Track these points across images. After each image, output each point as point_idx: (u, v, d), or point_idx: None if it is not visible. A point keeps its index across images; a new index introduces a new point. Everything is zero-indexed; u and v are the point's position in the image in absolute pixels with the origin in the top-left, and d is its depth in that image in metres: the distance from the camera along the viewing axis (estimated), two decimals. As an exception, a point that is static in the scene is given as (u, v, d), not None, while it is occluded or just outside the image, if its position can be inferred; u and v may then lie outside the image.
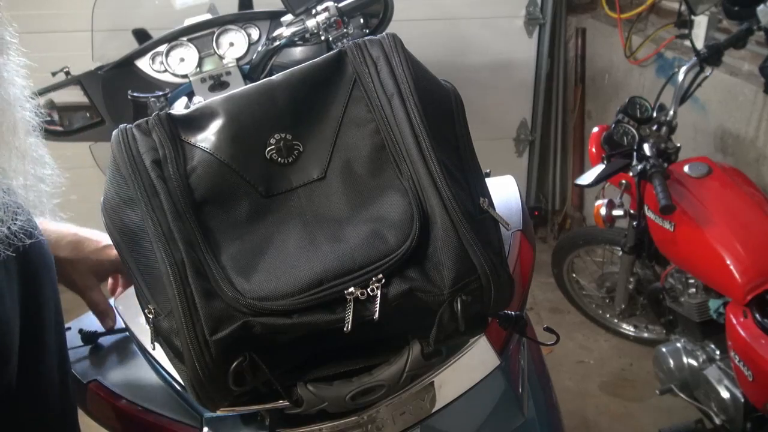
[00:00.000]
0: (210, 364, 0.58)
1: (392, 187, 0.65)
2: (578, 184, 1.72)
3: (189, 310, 0.58)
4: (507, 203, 0.97)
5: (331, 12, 1.55)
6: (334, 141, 0.67)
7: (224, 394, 0.61)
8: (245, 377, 0.59)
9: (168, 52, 1.67)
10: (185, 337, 0.58)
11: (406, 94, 0.66)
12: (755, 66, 1.86)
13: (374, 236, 0.62)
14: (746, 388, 1.51)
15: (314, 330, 0.60)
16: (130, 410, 0.79)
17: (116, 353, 0.86)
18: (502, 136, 3.07)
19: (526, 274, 0.93)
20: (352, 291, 0.59)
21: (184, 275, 0.59)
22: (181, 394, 0.78)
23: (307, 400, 0.65)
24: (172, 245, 0.60)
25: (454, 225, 0.62)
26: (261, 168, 0.66)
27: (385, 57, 0.68)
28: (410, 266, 0.62)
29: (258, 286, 0.60)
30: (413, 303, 0.62)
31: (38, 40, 2.39)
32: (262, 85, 0.69)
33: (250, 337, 0.59)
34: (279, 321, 0.59)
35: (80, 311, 0.92)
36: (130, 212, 0.63)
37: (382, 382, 0.66)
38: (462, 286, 0.62)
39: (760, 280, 1.46)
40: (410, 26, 2.46)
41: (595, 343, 2.46)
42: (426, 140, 0.64)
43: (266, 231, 0.64)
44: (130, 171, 0.63)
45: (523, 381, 0.97)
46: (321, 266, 0.61)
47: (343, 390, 0.65)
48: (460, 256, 0.61)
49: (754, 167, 1.95)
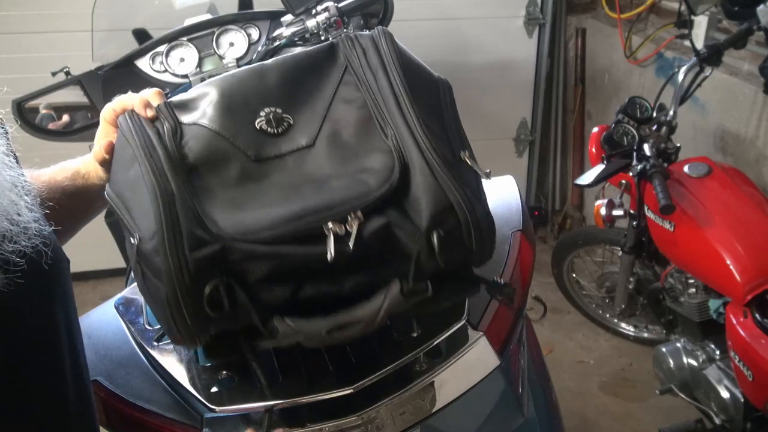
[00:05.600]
0: (187, 280, 0.59)
1: (378, 148, 0.69)
2: (578, 184, 1.72)
3: (173, 227, 0.61)
4: (507, 203, 0.97)
5: (331, 12, 1.55)
6: (324, 115, 0.71)
7: (200, 322, 0.61)
8: (222, 302, 0.60)
9: (168, 52, 1.67)
10: (165, 251, 0.60)
11: (390, 68, 0.71)
12: (755, 66, 1.86)
13: (356, 182, 0.66)
14: (746, 388, 1.51)
15: (293, 262, 0.62)
16: (130, 410, 0.79)
17: (116, 353, 0.86)
18: (502, 136, 3.07)
19: (526, 274, 0.93)
20: (331, 226, 0.62)
21: (171, 201, 0.62)
22: (181, 395, 0.78)
23: (283, 332, 0.64)
24: (163, 178, 0.63)
25: (430, 168, 0.65)
26: (251, 137, 0.69)
27: (374, 43, 0.74)
28: (390, 207, 0.66)
29: (240, 222, 0.63)
30: (392, 242, 0.65)
31: (38, 40, 2.40)
32: (255, 67, 0.74)
33: (229, 263, 0.61)
34: (258, 248, 0.61)
35: (81, 311, 0.92)
36: (129, 169, 0.67)
37: (359, 318, 0.66)
38: (439, 222, 0.64)
39: (760, 280, 1.46)
40: (410, 26, 2.46)
41: (595, 343, 2.46)
42: (405, 99, 0.69)
43: (254, 189, 0.67)
44: (132, 132, 0.67)
45: (523, 381, 0.97)
46: (301, 204, 0.64)
47: (319, 324, 0.65)
48: (436, 195, 0.65)
49: (754, 167, 1.95)
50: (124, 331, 0.88)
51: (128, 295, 0.94)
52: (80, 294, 0.83)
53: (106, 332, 0.89)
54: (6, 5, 2.36)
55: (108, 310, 0.93)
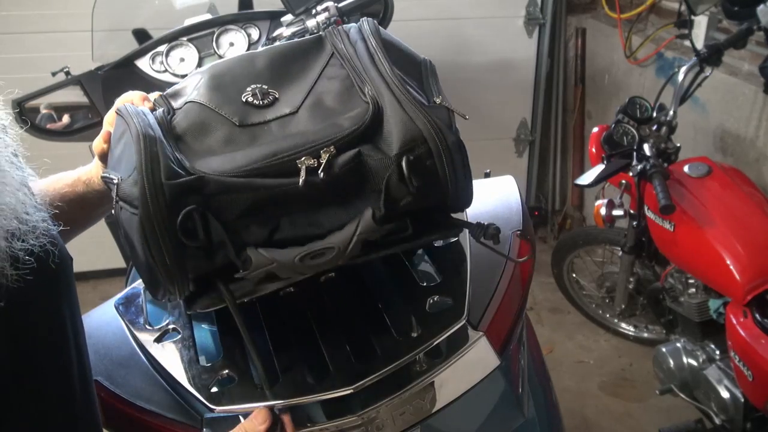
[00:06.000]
0: (162, 206, 0.61)
1: (357, 106, 0.71)
2: (578, 184, 1.72)
3: (151, 161, 0.62)
4: (507, 203, 0.97)
5: (331, 12, 1.55)
6: (309, 90, 0.74)
7: (176, 254, 0.62)
8: (196, 230, 0.61)
9: (168, 52, 1.67)
10: (142, 180, 0.61)
11: (368, 38, 0.76)
12: (755, 66, 1.86)
13: (331, 126, 0.69)
14: (746, 388, 1.51)
15: (268, 195, 0.64)
16: (130, 410, 0.79)
17: (116, 353, 0.86)
18: (502, 136, 3.07)
19: (525, 274, 0.93)
20: (304, 160, 0.65)
21: (153, 142, 0.64)
22: (181, 394, 0.78)
23: (256, 261, 0.65)
24: (147, 130, 0.66)
25: (400, 102, 0.69)
26: (237, 108, 0.72)
27: (357, 27, 0.79)
28: (363, 142, 0.68)
29: (218, 163, 0.66)
30: (364, 172, 0.66)
31: (38, 40, 2.40)
32: (245, 53, 0.79)
33: (205, 196, 0.63)
34: (233, 180, 0.63)
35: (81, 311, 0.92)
36: (121, 140, 0.69)
37: (332, 243, 0.67)
38: (409, 149, 0.67)
39: (760, 280, 1.46)
40: (410, 26, 2.47)
41: (595, 343, 2.47)
42: (379, 54, 0.74)
43: (238, 148, 0.69)
44: (128, 112, 0.70)
45: (523, 381, 0.97)
46: (276, 144, 0.67)
47: (292, 253, 0.66)
48: (406, 125, 0.67)
49: (754, 167, 1.95)
50: (124, 331, 0.88)
51: (128, 295, 0.94)
52: (80, 294, 0.82)
53: (106, 332, 0.89)
54: (7, 5, 2.36)
55: (108, 310, 0.93)
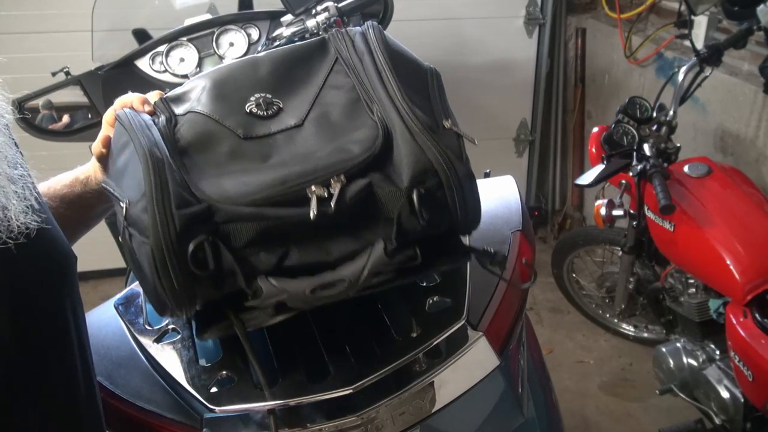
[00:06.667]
0: (173, 234, 0.60)
1: (364, 124, 0.70)
2: (578, 184, 1.72)
3: (161, 187, 0.62)
4: (507, 203, 0.97)
5: (331, 12, 1.55)
6: (313, 100, 0.73)
7: (185, 282, 0.61)
8: (206, 260, 0.61)
9: (168, 52, 1.67)
10: (153, 208, 0.60)
11: (375, 51, 0.74)
12: (755, 66, 1.86)
13: (340, 150, 0.68)
14: (746, 388, 1.51)
15: (277, 224, 0.63)
16: (129, 410, 0.79)
17: (116, 353, 0.86)
18: (502, 136, 3.07)
19: (525, 274, 0.93)
20: (314, 189, 0.64)
21: (161, 167, 0.63)
22: (181, 395, 0.78)
23: (267, 291, 0.65)
24: (155, 149, 0.65)
25: (410, 131, 0.68)
26: (241, 119, 0.71)
27: (362, 34, 0.77)
28: (373, 171, 0.67)
29: (226, 189, 0.65)
30: (374, 203, 0.66)
31: (38, 40, 2.40)
32: (247, 58, 0.77)
33: (215, 224, 0.62)
34: (243, 209, 0.63)
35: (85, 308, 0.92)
36: (123, 152, 0.68)
37: (343, 276, 0.66)
38: (419, 181, 0.66)
39: (760, 280, 1.46)
40: (410, 26, 2.47)
41: (595, 343, 2.46)
42: (388, 73, 0.72)
43: (244, 165, 0.68)
44: (128, 119, 0.69)
45: (523, 381, 0.97)
46: (285, 171, 0.66)
47: (303, 283, 0.66)
48: (417, 156, 0.66)
49: (754, 167, 1.95)
50: (123, 331, 0.88)
51: (128, 295, 0.94)
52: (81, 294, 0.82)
53: (106, 332, 0.89)
54: (7, 5, 2.36)
55: (108, 310, 0.93)
